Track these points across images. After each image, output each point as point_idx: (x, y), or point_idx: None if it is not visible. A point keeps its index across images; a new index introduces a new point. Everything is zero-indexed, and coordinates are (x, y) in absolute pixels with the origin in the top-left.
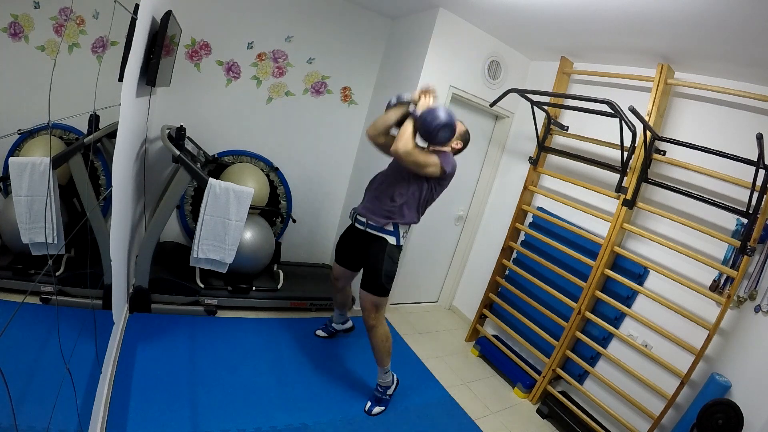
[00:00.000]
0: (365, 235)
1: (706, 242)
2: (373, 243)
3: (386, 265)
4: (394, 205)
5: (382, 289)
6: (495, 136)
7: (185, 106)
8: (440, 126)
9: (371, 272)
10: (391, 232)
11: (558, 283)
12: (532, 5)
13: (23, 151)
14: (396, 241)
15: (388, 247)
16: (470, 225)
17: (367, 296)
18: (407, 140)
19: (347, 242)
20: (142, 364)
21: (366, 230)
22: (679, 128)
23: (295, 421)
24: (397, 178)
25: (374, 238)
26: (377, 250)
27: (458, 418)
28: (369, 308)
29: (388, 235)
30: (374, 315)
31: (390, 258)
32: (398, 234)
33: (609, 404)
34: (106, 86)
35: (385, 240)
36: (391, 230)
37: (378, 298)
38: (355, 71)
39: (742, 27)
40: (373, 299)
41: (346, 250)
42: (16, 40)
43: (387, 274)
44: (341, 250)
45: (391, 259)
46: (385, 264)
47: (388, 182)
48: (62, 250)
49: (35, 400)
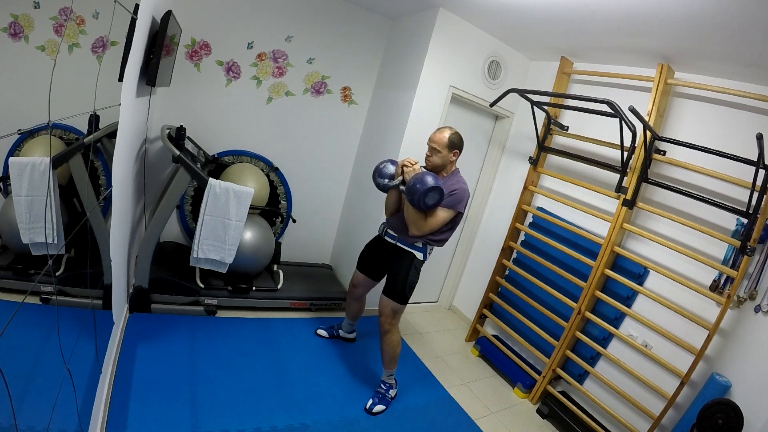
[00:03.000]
0: (394, 247)
1: (706, 242)
2: (402, 255)
3: (411, 276)
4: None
5: (403, 297)
6: (495, 136)
7: (185, 106)
8: (424, 194)
9: (395, 280)
10: (420, 249)
11: (558, 283)
12: (532, 5)
13: (23, 151)
14: (423, 256)
15: (416, 261)
16: (470, 225)
17: (388, 302)
18: (415, 222)
19: (373, 251)
20: (142, 364)
21: (396, 244)
22: (679, 128)
23: (295, 421)
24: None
25: (403, 251)
26: (404, 261)
27: (458, 418)
28: (387, 313)
29: (417, 251)
30: (391, 321)
31: (415, 269)
32: (426, 251)
33: (609, 404)
34: (106, 86)
35: (413, 255)
36: (420, 247)
37: (398, 306)
38: (355, 71)
39: (742, 27)
40: (393, 306)
41: (370, 258)
42: (16, 40)
43: (410, 284)
44: (366, 258)
45: (416, 270)
46: (411, 274)
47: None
48: (62, 250)
49: (35, 400)
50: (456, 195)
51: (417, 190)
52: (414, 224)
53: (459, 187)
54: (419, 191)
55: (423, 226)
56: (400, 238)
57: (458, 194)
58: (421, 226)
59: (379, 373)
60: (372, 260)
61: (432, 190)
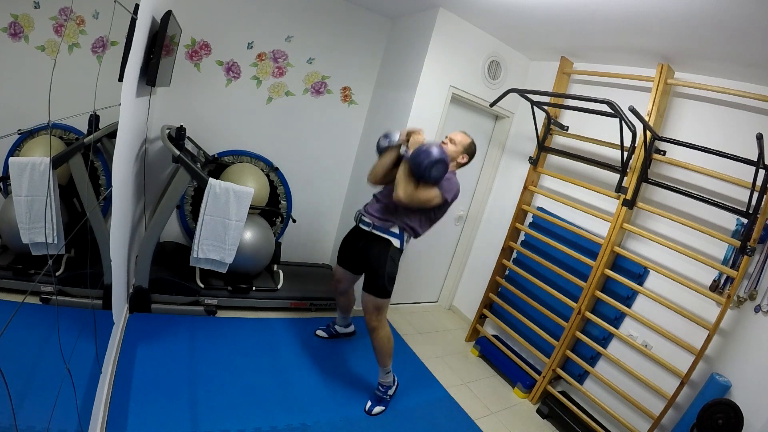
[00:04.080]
0: (369, 235)
1: (706, 242)
2: (377, 244)
3: (388, 267)
4: (399, 213)
5: (384, 290)
6: (495, 136)
7: (185, 106)
8: (432, 164)
9: (373, 274)
10: (396, 235)
11: (558, 283)
12: (532, 5)
13: (23, 151)
14: (399, 244)
15: (391, 249)
16: (470, 225)
17: (369, 298)
18: (405, 185)
19: (350, 244)
20: (142, 364)
21: (372, 231)
22: (679, 128)
23: (295, 421)
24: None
25: (378, 238)
26: (380, 251)
27: (458, 418)
28: (371, 310)
29: (393, 237)
30: (376, 317)
31: (392, 260)
32: (402, 238)
33: (609, 404)
34: (106, 86)
35: (389, 241)
36: (397, 233)
37: (380, 300)
38: (355, 71)
39: (742, 27)
40: (375, 301)
41: (348, 252)
42: (16, 40)
43: (389, 276)
44: (344, 252)
45: (393, 261)
46: (388, 266)
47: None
48: (62, 250)
49: (35, 400)
50: (449, 182)
51: (425, 158)
52: (404, 187)
53: (453, 179)
54: (428, 160)
55: (412, 193)
56: (376, 224)
57: (451, 183)
58: (410, 192)
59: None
60: (349, 253)
61: (439, 162)
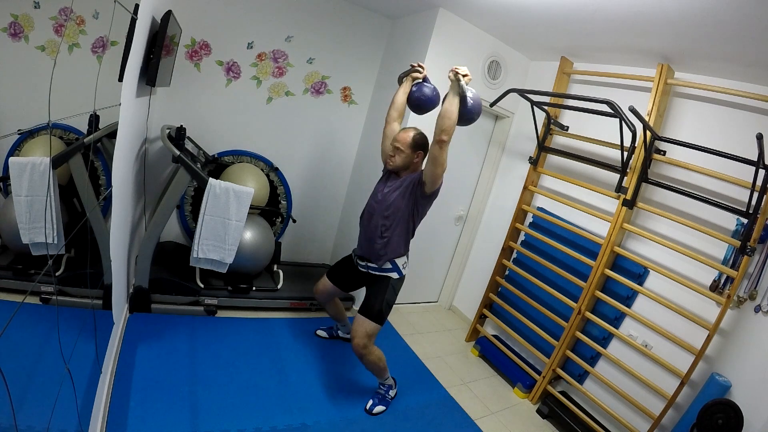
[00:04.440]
0: (368, 274)
1: (706, 242)
2: (377, 280)
3: (389, 296)
4: (384, 240)
5: (380, 317)
6: (495, 136)
7: (185, 106)
8: (478, 114)
9: (373, 299)
10: (391, 269)
11: (558, 283)
12: (532, 5)
13: (23, 151)
14: (398, 274)
15: (392, 281)
16: (470, 225)
17: (364, 322)
18: (452, 123)
19: (347, 267)
20: (142, 364)
21: (368, 272)
22: (679, 128)
23: (295, 421)
24: (384, 209)
25: (377, 277)
26: (381, 284)
27: (458, 418)
28: (361, 335)
29: (389, 272)
30: (365, 343)
31: (393, 288)
32: (398, 268)
33: (609, 404)
34: (106, 86)
35: (388, 277)
36: (390, 267)
37: (374, 326)
38: (355, 71)
39: (742, 27)
40: (368, 327)
41: (344, 273)
42: (16, 40)
43: (388, 303)
44: (339, 270)
45: (394, 289)
46: (388, 293)
47: (375, 218)
48: (62, 250)
49: (35, 400)
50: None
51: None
52: (450, 122)
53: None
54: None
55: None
56: (370, 266)
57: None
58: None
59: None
60: (345, 274)
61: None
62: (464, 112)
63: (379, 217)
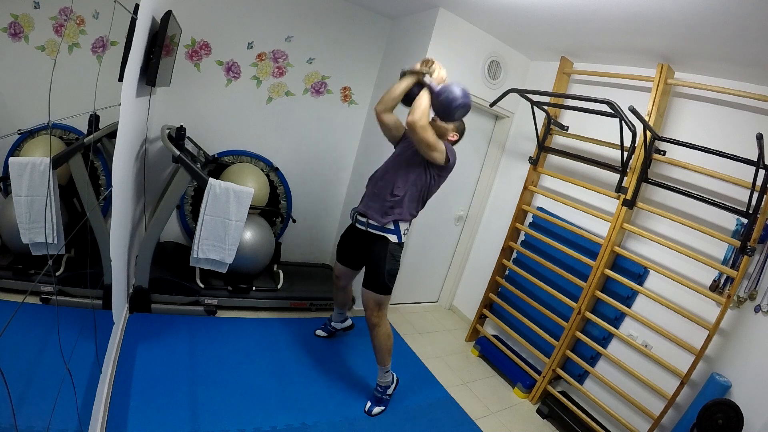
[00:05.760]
0: (366, 234)
1: (706, 242)
2: (375, 242)
3: (389, 264)
4: (395, 198)
5: (385, 287)
6: (495, 136)
7: (185, 106)
8: (460, 105)
9: (374, 271)
10: (392, 231)
11: (558, 283)
12: (532, 5)
13: (23, 151)
14: (398, 238)
15: (390, 246)
16: (470, 225)
17: (369, 294)
18: (424, 113)
19: (348, 242)
20: (142, 364)
21: (367, 230)
22: (679, 128)
23: (295, 421)
24: (398, 169)
25: (376, 237)
26: (379, 249)
27: (458, 418)
28: (372, 307)
29: (390, 233)
30: (377, 313)
31: (392, 256)
32: (399, 232)
33: (609, 404)
34: (106, 86)
35: (386, 239)
36: (392, 228)
37: (381, 297)
38: (355, 71)
39: (742, 27)
40: (375, 297)
41: (347, 249)
42: (16, 40)
43: (390, 272)
44: (342, 249)
45: (394, 257)
46: (388, 262)
47: (389, 175)
48: (62, 250)
49: (35, 400)
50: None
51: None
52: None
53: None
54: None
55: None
56: (370, 222)
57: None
58: (424, 124)
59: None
60: (348, 250)
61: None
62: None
63: (395, 174)
